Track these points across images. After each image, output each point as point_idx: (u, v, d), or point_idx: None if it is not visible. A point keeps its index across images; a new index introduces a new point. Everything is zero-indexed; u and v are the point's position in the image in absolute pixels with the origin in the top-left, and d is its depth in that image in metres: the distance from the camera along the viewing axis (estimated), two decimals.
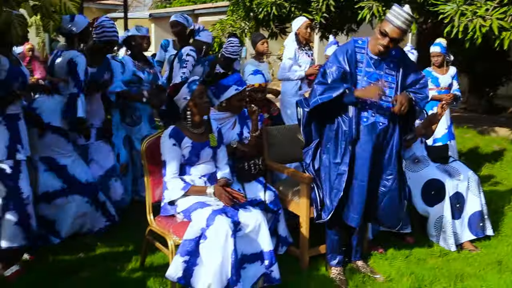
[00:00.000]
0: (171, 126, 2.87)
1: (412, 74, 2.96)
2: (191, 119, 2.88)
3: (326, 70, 2.90)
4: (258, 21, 6.91)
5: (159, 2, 27.85)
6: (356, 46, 2.91)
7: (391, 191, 2.96)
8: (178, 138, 2.82)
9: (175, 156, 2.81)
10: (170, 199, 2.84)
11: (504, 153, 6.56)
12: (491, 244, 3.62)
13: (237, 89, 3.28)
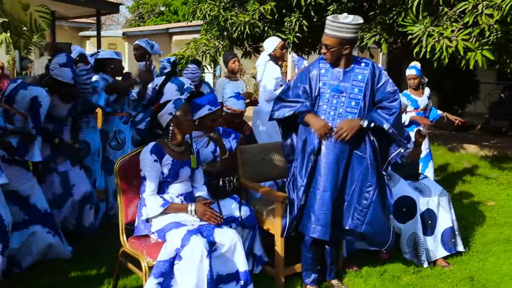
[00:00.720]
0: (152, 142, 2.85)
1: (383, 88, 2.96)
2: (172, 136, 2.86)
3: (290, 86, 3.06)
4: (232, 40, 6.96)
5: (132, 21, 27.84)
6: (321, 62, 3.02)
7: (373, 203, 2.93)
8: (159, 154, 2.80)
9: (155, 173, 2.78)
10: (148, 216, 2.78)
11: (474, 170, 6.72)
12: (463, 260, 3.67)
13: (211, 109, 3.29)
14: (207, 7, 6.63)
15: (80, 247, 3.66)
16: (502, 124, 10.28)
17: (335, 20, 2.84)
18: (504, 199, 5.38)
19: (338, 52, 2.90)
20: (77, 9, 10.21)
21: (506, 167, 6.85)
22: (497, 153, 7.75)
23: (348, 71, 2.94)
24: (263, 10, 6.19)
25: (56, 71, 3.47)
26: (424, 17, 4.87)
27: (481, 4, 4.48)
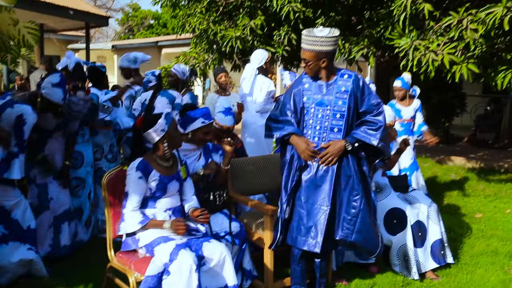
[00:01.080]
0: (139, 158, 2.83)
1: (367, 100, 2.99)
2: (161, 151, 2.85)
3: (279, 105, 3.12)
4: (221, 53, 6.99)
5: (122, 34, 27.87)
6: (304, 77, 3.05)
7: (361, 212, 2.95)
8: (146, 171, 2.78)
9: (139, 189, 2.77)
10: (126, 232, 2.76)
11: (461, 182, 6.78)
12: (451, 272, 3.68)
13: (204, 122, 3.30)
14: (196, 20, 6.66)
15: (67, 262, 3.61)
16: (489, 136, 10.40)
17: (310, 34, 2.87)
18: (491, 211, 5.42)
19: (316, 66, 2.94)
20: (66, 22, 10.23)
21: (493, 179, 6.92)
22: (483, 165, 7.84)
23: (331, 83, 2.97)
24: (253, 24, 6.23)
25: (47, 90, 3.41)
26: (411, 31, 4.94)
27: (465, 19, 4.56)
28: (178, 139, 2.91)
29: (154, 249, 2.63)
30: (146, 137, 2.85)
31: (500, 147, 9.72)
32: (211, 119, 3.39)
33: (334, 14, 5.99)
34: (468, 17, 4.56)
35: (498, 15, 4.23)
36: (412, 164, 5.18)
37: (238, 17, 6.55)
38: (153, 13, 27.92)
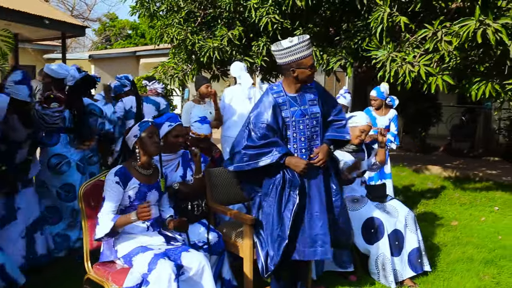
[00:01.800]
0: (119, 165, 2.82)
1: (329, 101, 3.10)
2: (139, 158, 2.83)
3: (250, 129, 2.91)
4: (200, 64, 6.99)
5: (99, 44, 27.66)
6: (274, 93, 2.96)
7: (341, 208, 3.06)
8: (124, 177, 2.76)
9: (114, 194, 2.73)
10: (102, 234, 2.69)
11: (438, 190, 6.89)
12: (428, 280, 3.73)
13: (170, 125, 3.27)
14: (174, 31, 6.66)
15: (44, 274, 3.54)
16: (464, 146, 10.62)
17: (277, 49, 2.89)
18: (467, 218, 5.51)
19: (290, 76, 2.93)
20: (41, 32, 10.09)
21: (468, 188, 7.05)
22: (459, 174, 7.98)
23: (302, 93, 2.98)
24: (231, 35, 6.26)
25: (11, 89, 3.31)
26: (387, 42, 5.02)
27: (440, 31, 4.67)
28: (151, 146, 2.83)
29: (132, 260, 2.60)
30: (127, 143, 2.85)
31: (474, 156, 9.92)
32: (178, 121, 3.34)
33: (312, 26, 6.06)
34: (442, 30, 4.66)
35: (471, 28, 4.34)
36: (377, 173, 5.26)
37: (216, 28, 6.57)
38: (131, 23, 27.82)
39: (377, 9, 4.97)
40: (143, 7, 7.06)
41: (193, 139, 3.80)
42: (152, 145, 2.84)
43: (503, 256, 4.25)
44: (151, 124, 2.88)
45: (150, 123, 2.89)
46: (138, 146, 2.83)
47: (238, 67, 5.15)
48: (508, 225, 5.24)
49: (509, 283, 3.71)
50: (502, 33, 4.27)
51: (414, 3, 4.93)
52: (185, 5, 6.72)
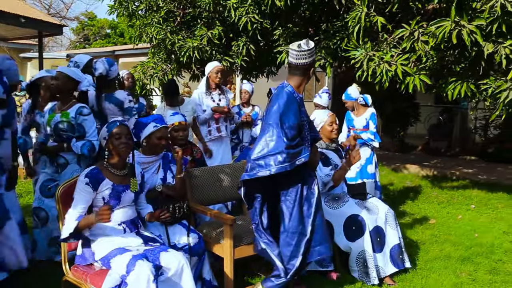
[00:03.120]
0: (92, 166, 2.79)
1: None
2: (111, 159, 2.81)
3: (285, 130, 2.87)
4: (179, 63, 6.96)
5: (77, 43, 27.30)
6: (293, 92, 3.00)
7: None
8: (96, 179, 2.72)
9: (84, 195, 2.69)
10: (68, 233, 2.64)
11: (416, 189, 6.98)
12: (407, 277, 3.77)
13: (156, 126, 3.25)
14: (154, 30, 6.62)
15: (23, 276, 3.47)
16: (441, 145, 10.79)
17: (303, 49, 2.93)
18: (444, 216, 5.60)
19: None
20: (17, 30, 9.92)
21: (446, 186, 7.16)
22: (437, 172, 8.11)
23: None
24: (210, 35, 6.25)
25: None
26: (365, 42, 5.08)
27: (417, 31, 4.73)
28: (119, 146, 2.79)
29: (110, 262, 2.57)
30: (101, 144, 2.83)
31: (452, 155, 10.09)
32: (164, 123, 3.34)
33: (291, 26, 6.09)
34: (419, 30, 4.73)
35: (447, 29, 4.42)
36: (358, 172, 5.31)
37: (196, 28, 6.55)
38: (109, 22, 27.53)
39: (355, 9, 5.02)
40: (121, 6, 7.00)
41: (173, 134, 3.78)
42: (120, 146, 2.79)
43: (479, 253, 4.33)
44: (119, 123, 2.84)
45: (118, 122, 2.85)
46: (109, 147, 2.80)
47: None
48: (484, 223, 5.34)
49: (485, 279, 3.78)
50: (477, 34, 4.35)
51: (391, 3, 4.99)
52: (164, 5, 6.69)
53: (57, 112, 3.73)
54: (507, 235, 4.89)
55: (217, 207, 4.20)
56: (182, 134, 3.83)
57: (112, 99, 4.20)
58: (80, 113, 3.71)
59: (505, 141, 9.47)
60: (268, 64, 7.55)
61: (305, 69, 2.99)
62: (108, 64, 4.20)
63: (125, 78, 5.22)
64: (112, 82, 4.29)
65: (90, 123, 3.75)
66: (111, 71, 4.22)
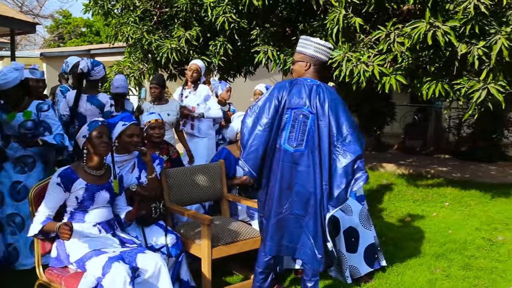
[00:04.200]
0: (67, 166, 2.74)
1: None
2: (88, 159, 2.76)
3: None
4: (156, 63, 6.90)
5: (51, 41, 26.82)
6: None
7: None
8: (69, 179, 2.67)
9: (54, 195, 2.65)
10: (32, 233, 2.62)
11: (392, 187, 7.08)
12: (383, 275, 3.82)
13: (124, 124, 3.22)
14: (130, 29, 6.54)
15: None
16: (416, 144, 10.96)
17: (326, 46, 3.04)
18: (419, 214, 5.69)
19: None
20: None
21: (421, 184, 7.28)
22: (412, 171, 8.23)
23: None
24: (188, 36, 6.21)
25: None
26: (343, 43, 5.12)
27: (393, 33, 4.80)
28: (100, 146, 2.75)
29: (86, 264, 2.53)
30: (78, 143, 2.78)
31: (427, 153, 10.26)
32: (132, 120, 3.29)
33: (269, 25, 6.10)
34: (395, 31, 4.80)
35: (422, 30, 4.49)
36: None
37: (173, 27, 6.50)
38: (85, 20, 27.13)
39: (333, 10, 5.06)
40: (96, 5, 6.90)
41: (148, 133, 3.75)
42: (101, 145, 2.75)
43: (453, 250, 4.41)
44: (100, 123, 2.80)
45: (100, 122, 2.81)
46: (88, 147, 2.76)
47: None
48: (457, 220, 5.45)
49: (458, 275, 3.86)
50: (451, 35, 4.44)
51: (368, 4, 5.05)
52: (141, 4, 6.62)
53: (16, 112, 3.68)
54: (479, 232, 5.00)
55: (194, 207, 4.18)
56: (158, 132, 3.81)
57: (93, 100, 4.17)
58: (40, 110, 3.72)
59: (478, 140, 9.67)
60: (245, 64, 7.54)
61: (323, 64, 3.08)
62: (92, 64, 4.17)
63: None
64: (94, 83, 4.27)
65: (53, 118, 3.77)
66: (94, 71, 4.18)
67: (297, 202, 2.90)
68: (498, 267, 4.04)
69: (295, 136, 2.88)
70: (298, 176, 2.88)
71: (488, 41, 4.48)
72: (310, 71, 2.99)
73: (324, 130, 2.87)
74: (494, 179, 7.68)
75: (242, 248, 3.38)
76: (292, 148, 2.88)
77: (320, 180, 2.86)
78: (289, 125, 2.89)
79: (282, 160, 2.89)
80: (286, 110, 2.90)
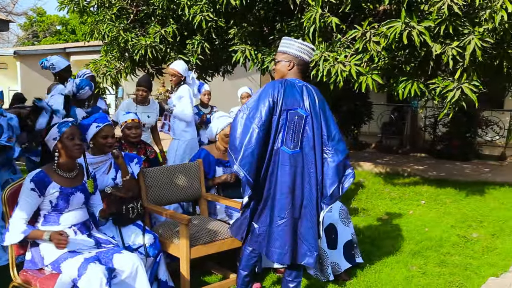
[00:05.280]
0: (38, 169, 2.67)
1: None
2: (57, 161, 2.70)
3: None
4: (133, 62, 6.84)
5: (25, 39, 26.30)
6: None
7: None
8: (42, 183, 2.61)
9: (29, 201, 2.59)
10: (10, 243, 2.58)
11: (369, 186, 7.15)
12: (361, 272, 3.86)
13: (98, 125, 3.18)
14: (106, 27, 6.46)
15: None
16: (393, 142, 11.10)
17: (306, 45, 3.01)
18: (396, 212, 5.76)
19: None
20: None
21: (398, 183, 7.37)
22: (389, 169, 8.33)
23: None
24: (164, 32, 6.17)
25: None
26: (320, 42, 5.15)
27: (369, 32, 4.85)
28: (73, 148, 2.69)
29: (61, 266, 2.49)
30: (47, 146, 2.72)
31: (403, 152, 10.39)
32: (106, 121, 3.25)
33: (246, 25, 6.10)
34: (371, 31, 4.85)
35: (398, 29, 4.55)
36: None
37: (150, 25, 6.45)
38: (60, 18, 26.68)
39: (310, 9, 5.09)
40: (72, 2, 6.79)
41: (126, 133, 3.73)
42: (74, 148, 2.69)
43: (429, 247, 4.48)
44: (71, 124, 2.74)
45: (70, 123, 2.75)
46: (59, 149, 2.70)
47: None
48: (433, 218, 5.53)
49: (434, 272, 3.92)
50: (426, 35, 4.51)
51: (345, 4, 5.08)
52: (117, 1, 6.55)
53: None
54: (454, 229, 5.09)
55: (172, 207, 4.15)
56: (135, 132, 3.78)
57: (71, 111, 4.15)
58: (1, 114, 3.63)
59: (453, 139, 9.84)
60: (223, 63, 7.53)
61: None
62: (78, 87, 4.11)
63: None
64: (81, 101, 4.22)
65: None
66: (79, 93, 4.13)
67: (296, 205, 2.87)
68: (473, 264, 4.12)
69: (292, 137, 2.85)
70: (297, 178, 2.86)
71: (462, 41, 4.57)
72: (293, 71, 2.97)
73: (316, 130, 2.88)
74: (468, 177, 7.83)
75: (220, 248, 3.37)
76: (290, 150, 2.84)
77: (315, 180, 2.87)
78: (286, 126, 2.84)
79: (281, 163, 2.84)
80: (282, 112, 2.84)
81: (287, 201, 2.84)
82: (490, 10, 4.36)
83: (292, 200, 2.85)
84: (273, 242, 2.87)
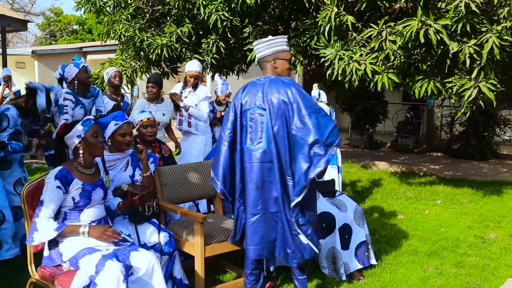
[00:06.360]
0: (59, 166, 2.71)
1: None
2: (82, 159, 2.74)
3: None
4: (149, 61, 6.89)
5: (43, 39, 26.65)
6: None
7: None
8: (66, 180, 2.65)
9: (55, 199, 2.62)
10: (40, 241, 2.62)
11: (385, 185, 7.10)
12: (376, 272, 3.84)
13: (117, 123, 3.21)
14: (122, 27, 6.51)
15: None
16: (409, 141, 11.01)
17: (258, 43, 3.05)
18: (412, 212, 5.72)
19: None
20: None
21: (413, 182, 7.31)
22: (405, 169, 8.26)
23: None
24: (180, 32, 6.20)
25: None
26: (335, 41, 5.13)
27: (385, 31, 4.81)
28: (97, 146, 2.75)
29: (79, 262, 2.52)
30: (67, 143, 2.75)
31: (419, 151, 10.30)
32: (125, 119, 3.28)
33: (261, 23, 6.10)
34: (387, 30, 4.81)
35: (414, 28, 4.51)
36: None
37: (165, 25, 6.49)
38: (77, 18, 26.96)
39: (325, 8, 5.07)
40: (88, 3, 6.86)
41: (141, 132, 3.76)
42: (98, 145, 2.75)
43: (445, 248, 4.44)
44: (93, 122, 2.79)
45: (92, 121, 2.80)
46: (83, 147, 2.73)
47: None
48: (450, 218, 5.47)
49: (450, 272, 3.88)
50: (443, 34, 4.46)
51: (360, 2, 5.06)
52: (133, 1, 6.60)
53: None
54: (471, 229, 5.03)
55: (187, 205, 4.18)
56: (150, 130, 3.82)
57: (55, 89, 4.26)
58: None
59: (470, 138, 9.72)
60: (238, 61, 7.54)
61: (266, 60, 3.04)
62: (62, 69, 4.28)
63: (112, 76, 5.10)
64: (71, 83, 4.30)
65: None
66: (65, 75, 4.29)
67: (269, 199, 2.94)
68: (490, 265, 4.07)
69: (255, 135, 2.95)
70: (265, 174, 2.92)
71: (479, 40, 4.51)
72: (281, 66, 3.02)
73: (279, 123, 2.87)
74: (486, 177, 7.73)
75: (235, 246, 3.38)
76: (253, 147, 2.94)
77: (280, 172, 2.87)
78: (248, 126, 2.97)
79: (248, 162, 2.96)
80: (244, 113, 2.99)
81: (256, 197, 2.94)
82: (508, 8, 4.30)
83: (262, 196, 2.93)
84: (250, 239, 2.99)
